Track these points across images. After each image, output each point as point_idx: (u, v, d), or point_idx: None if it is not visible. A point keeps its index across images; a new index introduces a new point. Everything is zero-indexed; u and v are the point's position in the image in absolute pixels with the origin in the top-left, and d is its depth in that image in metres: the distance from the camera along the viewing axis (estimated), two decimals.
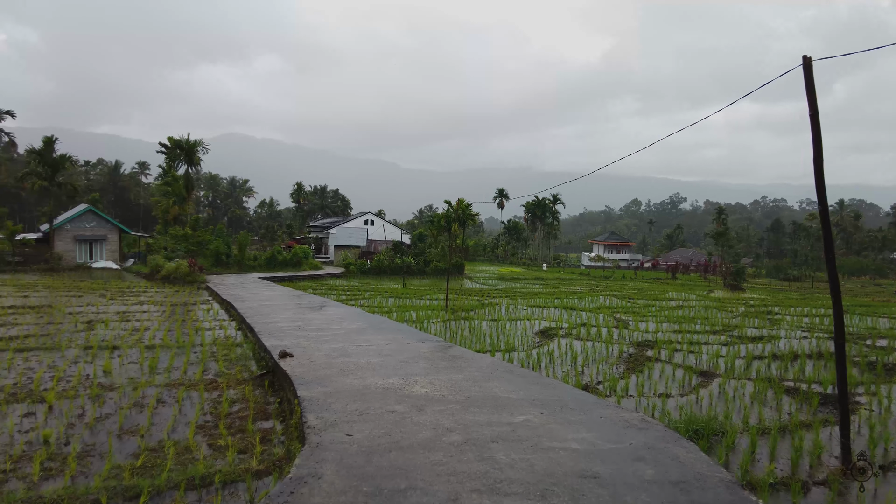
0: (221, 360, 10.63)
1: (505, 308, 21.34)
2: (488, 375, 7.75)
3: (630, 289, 38.19)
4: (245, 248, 44.98)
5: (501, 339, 14.09)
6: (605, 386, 9.58)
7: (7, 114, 41.16)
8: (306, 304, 18.53)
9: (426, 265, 48.10)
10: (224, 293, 22.73)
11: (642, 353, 12.55)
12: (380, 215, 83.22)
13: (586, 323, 17.15)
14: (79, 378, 9.19)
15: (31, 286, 27.34)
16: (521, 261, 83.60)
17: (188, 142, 46.24)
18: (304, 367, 8.42)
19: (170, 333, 13.69)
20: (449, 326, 15.97)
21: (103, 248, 43.69)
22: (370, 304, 22.16)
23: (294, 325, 13.17)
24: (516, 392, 6.78)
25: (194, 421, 7.03)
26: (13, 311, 17.99)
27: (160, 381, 8.97)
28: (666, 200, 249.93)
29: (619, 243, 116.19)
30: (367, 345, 10.47)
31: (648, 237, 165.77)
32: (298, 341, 10.81)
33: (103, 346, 11.61)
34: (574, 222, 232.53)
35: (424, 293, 28.55)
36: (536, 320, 17.80)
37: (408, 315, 18.39)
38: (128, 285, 29.11)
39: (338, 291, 27.83)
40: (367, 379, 7.51)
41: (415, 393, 6.72)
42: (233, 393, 8.32)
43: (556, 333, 15.03)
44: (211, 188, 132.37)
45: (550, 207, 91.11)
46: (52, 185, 38.96)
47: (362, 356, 9.27)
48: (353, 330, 12.47)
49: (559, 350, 12.68)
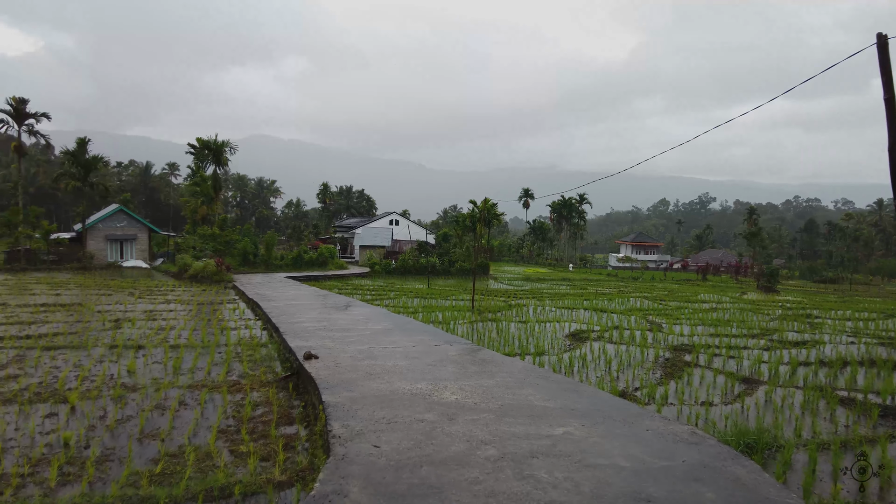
0: (246, 360, 10.43)
1: (533, 309, 20.87)
2: (521, 381, 7.36)
3: (660, 290, 37.30)
4: (272, 248, 45.25)
5: (531, 341, 13.66)
6: (643, 393, 9.10)
7: (42, 116, 42.08)
8: (332, 303, 18.34)
9: (451, 265, 47.76)
10: (250, 292, 22.71)
11: (679, 358, 12.01)
12: (405, 215, 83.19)
13: (618, 326, 16.60)
14: (103, 378, 9.07)
15: (63, 284, 27.77)
16: (547, 261, 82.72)
17: (216, 142, 46.70)
18: (330, 369, 8.14)
19: (195, 333, 13.59)
20: (476, 328, 15.59)
21: (133, 248, 44.37)
22: (395, 304, 21.90)
23: (319, 325, 12.95)
24: (553, 400, 6.38)
25: (216, 425, 6.79)
26: (45, 308, 18.19)
27: (183, 383, 8.79)
28: (695, 200, 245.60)
29: (648, 244, 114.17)
30: (393, 346, 10.16)
31: (677, 237, 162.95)
32: (323, 342, 10.56)
33: (129, 346, 11.53)
34: (600, 222, 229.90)
35: (450, 293, 28.22)
36: (566, 322, 17.31)
37: (434, 316, 18.07)
38: (156, 284, 29.39)
39: (363, 291, 27.67)
40: (394, 383, 7.18)
41: (445, 400, 6.36)
42: (256, 395, 8.08)
43: (588, 336, 14.53)
44: (239, 189, 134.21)
45: (577, 207, 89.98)
46: (85, 186, 39.67)
47: (389, 359, 8.96)
48: (379, 331, 12.18)
49: (592, 354, 12.21)
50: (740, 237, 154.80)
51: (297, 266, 43.97)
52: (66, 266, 39.18)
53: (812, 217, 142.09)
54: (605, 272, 70.39)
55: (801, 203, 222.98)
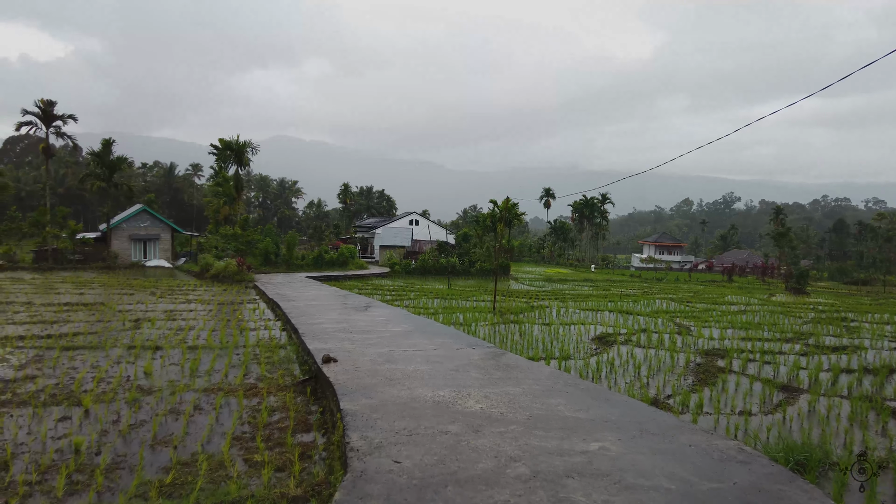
0: (264, 362, 10.21)
1: (556, 311, 20.42)
2: (549, 389, 6.98)
3: (685, 291, 36.49)
4: (293, 248, 45.35)
5: (555, 345, 13.25)
6: (676, 401, 8.65)
7: (69, 117, 42.72)
8: (351, 304, 18.12)
9: (471, 265, 47.39)
10: (271, 292, 22.62)
11: (712, 363, 11.50)
12: (424, 215, 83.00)
13: (646, 329, 16.08)
14: (119, 379, 8.90)
15: (87, 283, 28.04)
16: (568, 262, 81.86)
17: (238, 143, 46.95)
18: (349, 373, 7.85)
19: (214, 333, 13.44)
20: (498, 330, 15.22)
21: (157, 247, 44.82)
22: (415, 304, 21.62)
23: (339, 326, 12.70)
24: (584, 410, 5.99)
25: (231, 431, 6.54)
26: (68, 307, 18.27)
27: (199, 386, 8.58)
28: (719, 200, 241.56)
29: (671, 244, 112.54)
30: (413, 350, 9.84)
31: (701, 238, 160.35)
32: (343, 344, 10.29)
33: (146, 346, 11.39)
34: (622, 222, 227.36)
35: (470, 294, 27.87)
36: (591, 325, 16.84)
37: (454, 317, 17.74)
38: (178, 283, 29.53)
39: (383, 291, 27.45)
40: (415, 390, 6.85)
41: (469, 409, 6.01)
42: (273, 400, 7.82)
43: (615, 340, 14.06)
44: (261, 189, 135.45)
45: (599, 207, 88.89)
46: (110, 186, 40.15)
47: (409, 363, 8.64)
48: (399, 333, 11.88)
49: (619, 359, 11.75)
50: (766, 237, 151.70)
51: (318, 266, 44.00)
52: (92, 265, 39.70)
53: (841, 217, 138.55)
54: (627, 273, 69.34)
55: (830, 203, 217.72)
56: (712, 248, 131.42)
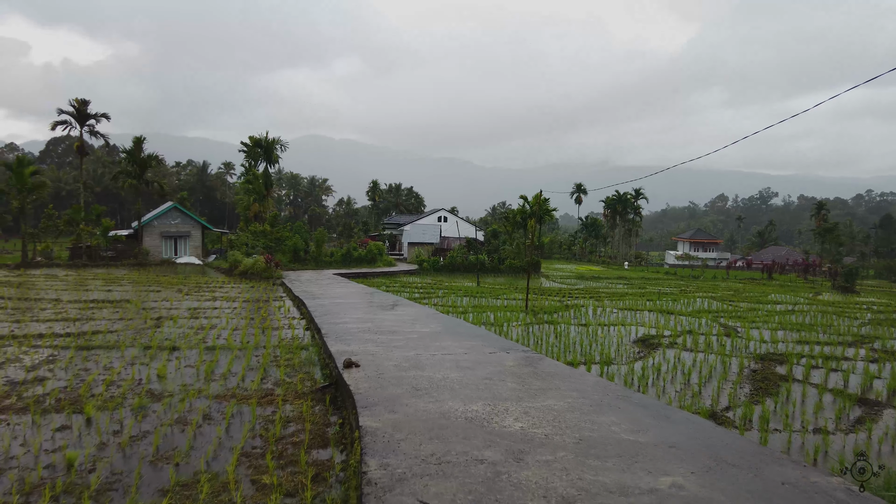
0: (283, 365, 9.57)
1: (592, 310, 19.41)
2: (598, 403, 6.12)
3: (725, 290, 34.91)
4: (322, 245, 45.07)
5: (594, 347, 12.33)
6: (736, 414, 7.70)
7: (102, 116, 43.24)
8: (378, 302, 17.45)
9: (500, 262, 46.41)
10: (297, 290, 22.14)
11: (770, 370, 10.44)
12: (453, 212, 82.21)
13: (691, 330, 15.00)
14: (130, 383, 8.36)
15: (117, 280, 28.07)
16: (600, 259, 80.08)
17: (266, 140, 46.90)
18: (371, 381, 7.12)
19: (235, 333, 12.91)
20: (532, 331, 14.35)
21: (187, 244, 45.06)
22: (444, 302, 20.87)
23: (363, 326, 12.01)
24: (643, 431, 5.12)
25: (240, 446, 5.87)
26: (94, 305, 18.05)
27: (212, 391, 7.96)
28: (755, 195, 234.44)
29: (706, 241, 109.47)
30: (442, 353, 9.07)
31: (736, 234, 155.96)
32: (366, 346, 9.58)
33: (163, 347, 10.88)
34: (655, 219, 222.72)
35: (500, 292, 26.99)
36: (631, 326, 15.83)
37: (485, 316, 16.93)
38: (206, 280, 29.37)
39: (411, 289, 26.78)
40: (444, 402, 6.07)
41: (507, 429, 5.20)
42: (289, 409, 7.14)
43: (659, 342, 13.06)
44: (292, 187, 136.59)
45: (632, 202, 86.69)
46: (141, 183, 40.46)
47: (438, 369, 7.87)
48: (427, 334, 11.12)
49: (666, 364, 10.79)
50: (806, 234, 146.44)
51: (347, 263, 43.63)
52: (124, 262, 40.05)
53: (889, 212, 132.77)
54: (662, 270, 67.38)
55: (875, 197, 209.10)
56: (749, 245, 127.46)
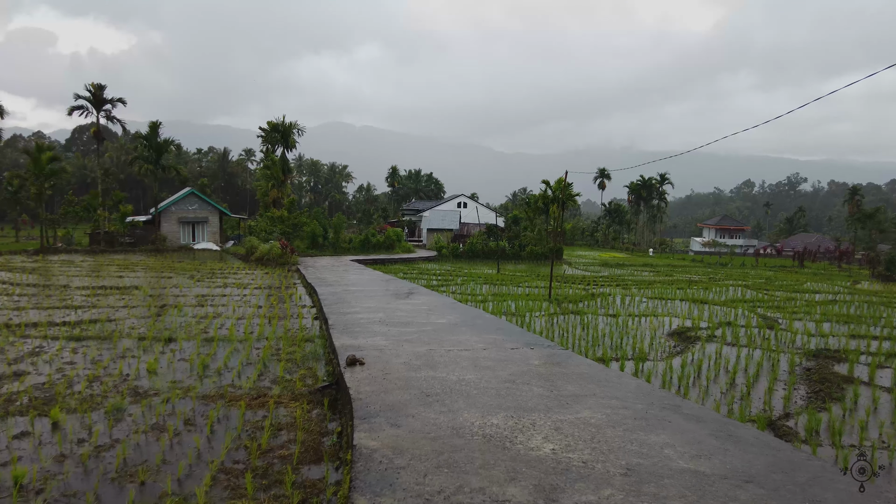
0: (284, 360, 8.74)
1: (620, 299, 18.29)
2: (642, 415, 5.13)
3: (755, 278, 33.38)
4: (340, 231, 44.38)
5: (626, 341, 11.28)
6: (798, 423, 6.65)
7: (119, 101, 42.89)
8: (393, 290, 16.58)
9: (521, 249, 45.26)
10: (311, 276, 21.40)
11: (827, 369, 9.31)
12: (473, 198, 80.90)
13: (730, 322, 13.84)
14: (115, 379, 7.60)
15: (131, 266, 27.67)
16: (624, 246, 78.30)
17: (284, 124, 46.20)
18: (375, 382, 6.21)
19: (239, 322, 12.14)
20: (557, 322, 13.34)
21: (205, 230, 44.74)
22: (462, 290, 19.93)
23: (375, 317, 11.12)
24: (705, 457, 4.12)
25: (219, 460, 5.02)
26: (102, 292, 17.50)
27: (201, 390, 7.14)
28: (783, 181, 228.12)
29: (733, 227, 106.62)
30: (458, 349, 8.13)
31: (763, 221, 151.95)
32: (375, 340, 8.69)
33: (160, 338, 10.13)
34: (679, 205, 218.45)
35: (521, 279, 25.94)
36: (663, 316, 14.71)
37: (506, 305, 15.94)
38: (221, 266, 28.84)
39: (429, 276, 25.88)
40: (458, 413, 5.14)
41: (536, 452, 4.24)
42: (283, 413, 6.28)
43: (696, 335, 11.96)
44: (312, 174, 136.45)
45: (657, 188, 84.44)
46: (158, 168, 40.07)
47: (453, 368, 6.93)
48: (443, 326, 10.19)
49: (708, 360, 9.71)
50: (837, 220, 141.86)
51: (365, 249, 42.93)
52: (142, 248, 39.84)
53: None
54: (688, 257, 65.54)
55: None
56: (776, 232, 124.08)
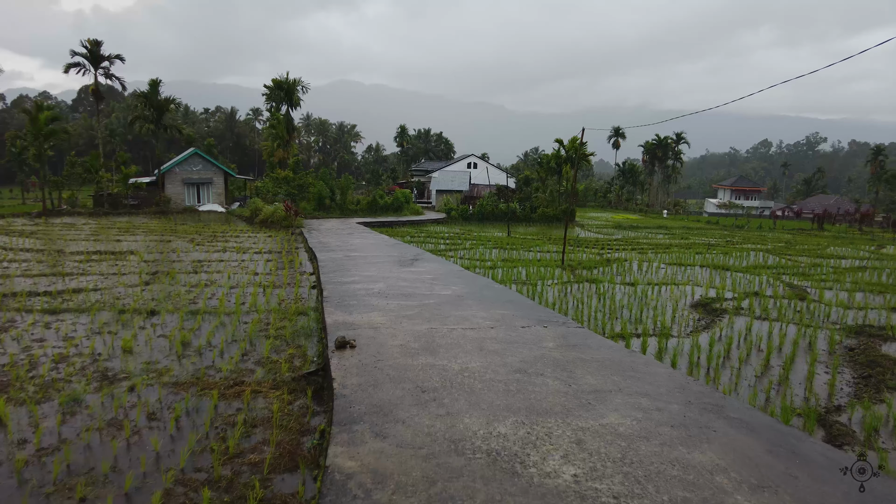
0: (273, 337, 7.97)
1: (637, 265, 17.35)
2: (681, 420, 4.27)
3: (774, 241, 32.21)
4: (347, 193, 43.42)
5: (646, 313, 10.41)
6: (852, 419, 5.80)
7: (117, 58, 41.49)
8: (397, 256, 15.74)
9: (532, 211, 44.15)
10: (313, 240, 20.61)
11: (874, 349, 8.41)
12: (483, 158, 79.14)
13: (758, 292, 12.89)
14: (84, 360, 6.87)
15: (132, 229, 27.01)
16: (637, 207, 76.74)
17: (288, 81, 44.74)
18: (365, 372, 5.41)
19: (232, 291, 11.39)
20: (570, 291, 12.47)
21: (210, 191, 43.93)
22: (471, 256, 19.07)
23: (374, 287, 10.30)
24: (771, 489, 3.26)
25: (177, 468, 4.26)
26: (95, 257, 16.82)
27: (174, 375, 6.38)
28: (801, 141, 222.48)
29: (749, 188, 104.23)
30: (462, 328, 7.30)
31: (780, 182, 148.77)
32: (371, 316, 7.88)
33: (141, 311, 9.39)
34: (694, 165, 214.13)
35: (532, 243, 25.01)
36: (685, 285, 13.78)
37: (516, 273, 15.08)
38: (224, 229, 28.12)
39: (436, 239, 25.01)
40: (459, 417, 4.31)
41: (553, 480, 3.39)
42: (261, 405, 5.51)
43: (721, 307, 11.06)
44: (321, 134, 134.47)
45: (673, 147, 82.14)
46: (159, 128, 39.01)
47: (455, 353, 6.11)
48: (447, 298, 9.36)
49: (738, 337, 8.84)
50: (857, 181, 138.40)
51: (373, 211, 42.04)
52: (145, 210, 39.18)
53: None
54: (703, 219, 64.03)
55: None
56: (794, 194, 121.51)
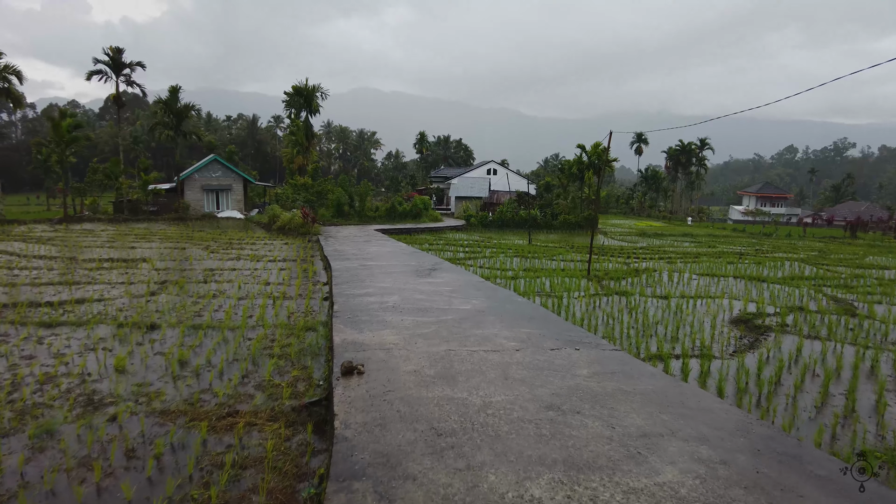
0: (277, 356, 7.33)
1: (668, 276, 16.44)
2: (754, 481, 3.50)
3: (807, 250, 30.92)
4: (365, 199, 43.01)
5: (682, 331, 9.58)
6: None
7: (138, 65, 41.76)
8: (414, 265, 15.07)
9: (553, 218, 43.25)
10: (328, 248, 20.07)
11: None
12: (503, 164, 78.37)
13: (802, 307, 11.95)
14: (70, 380, 6.30)
15: (149, 236, 26.79)
16: (660, 214, 75.23)
17: (307, 87, 44.57)
18: (373, 407, 4.72)
19: (240, 303, 10.82)
20: (599, 305, 11.67)
21: (229, 198, 43.85)
22: (491, 265, 18.34)
23: (389, 300, 9.63)
24: None
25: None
26: (107, 265, 16.45)
27: (164, 400, 5.76)
28: (828, 147, 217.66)
29: (775, 195, 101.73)
30: (485, 350, 6.58)
31: (807, 188, 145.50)
32: (383, 334, 7.20)
33: (141, 325, 8.83)
34: (716, 171, 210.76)
35: (555, 251, 24.19)
36: (720, 298, 12.88)
37: (539, 283, 14.32)
38: (240, 236, 27.77)
39: (455, 247, 24.33)
40: (481, 474, 3.60)
41: None
42: (254, 441, 4.85)
43: (764, 323, 10.18)
44: (341, 141, 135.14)
45: (697, 153, 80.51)
46: (178, 135, 39.03)
47: (477, 383, 5.39)
48: (467, 314, 8.65)
49: (787, 358, 7.97)
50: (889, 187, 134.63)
51: (391, 218, 41.54)
52: (164, 216, 39.15)
53: None
54: (728, 227, 62.43)
55: None
56: (822, 200, 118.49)
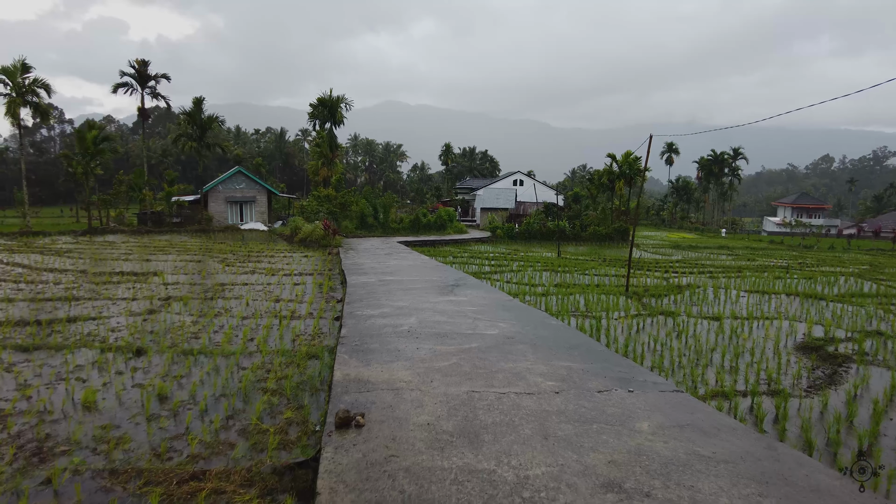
0: (270, 391, 6.28)
1: (713, 293, 15.01)
2: None
3: (854, 263, 28.90)
4: (389, 211, 42.22)
5: (742, 360, 8.26)
6: None
7: (163, 77, 41.91)
8: (436, 280, 13.97)
9: (583, 230, 41.78)
10: (347, 261, 19.12)
11: None
12: (530, 175, 77.00)
13: (882, 331, 10.45)
14: (25, 420, 5.35)
15: (167, 248, 26.28)
16: (692, 225, 72.90)
17: (331, 98, 44.14)
18: (368, 484, 3.61)
19: (243, 323, 9.84)
20: (643, 328, 10.38)
21: (253, 210, 43.50)
22: (518, 279, 17.13)
23: (405, 323, 8.54)
24: None
25: None
26: (116, 278, 15.76)
27: (128, 448, 4.74)
28: (867, 156, 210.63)
29: (812, 206, 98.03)
30: (516, 392, 5.42)
31: (845, 199, 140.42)
32: (394, 369, 6.10)
33: (124, 349, 7.89)
34: (749, 182, 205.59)
35: (586, 265, 22.84)
36: (777, 319, 11.45)
37: (573, 301, 13.08)
38: (261, 249, 27.08)
39: (480, 260, 23.18)
40: None
41: None
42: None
43: (837, 350, 8.79)
44: (367, 153, 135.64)
45: (730, 163, 78.03)
46: (202, 146, 38.84)
47: (507, 444, 4.23)
48: (494, 341, 7.49)
49: (883, 398, 6.62)
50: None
51: (415, 230, 40.64)
52: (188, 228, 38.87)
53: None
54: (764, 238, 59.98)
55: None
56: (862, 211, 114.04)
